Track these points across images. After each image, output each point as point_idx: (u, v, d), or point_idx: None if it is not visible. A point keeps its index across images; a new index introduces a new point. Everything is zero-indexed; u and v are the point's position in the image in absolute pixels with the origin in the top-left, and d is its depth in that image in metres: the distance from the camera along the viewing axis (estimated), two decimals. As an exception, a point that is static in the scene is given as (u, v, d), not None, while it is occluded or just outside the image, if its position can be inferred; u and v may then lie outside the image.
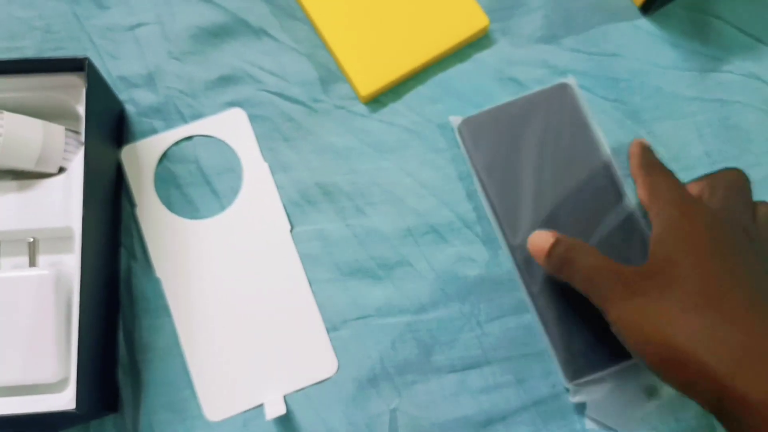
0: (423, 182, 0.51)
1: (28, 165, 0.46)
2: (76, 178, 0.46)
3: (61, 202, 0.46)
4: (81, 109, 0.47)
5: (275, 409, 0.46)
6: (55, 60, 0.46)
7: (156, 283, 0.49)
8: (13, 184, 0.47)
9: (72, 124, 0.48)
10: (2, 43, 0.53)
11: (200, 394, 0.47)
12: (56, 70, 0.47)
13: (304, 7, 0.53)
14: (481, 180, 0.50)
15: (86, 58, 0.45)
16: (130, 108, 0.52)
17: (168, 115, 0.52)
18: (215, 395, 0.47)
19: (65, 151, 0.47)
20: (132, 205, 0.50)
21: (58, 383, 0.44)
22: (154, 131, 0.52)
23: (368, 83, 0.52)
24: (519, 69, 0.53)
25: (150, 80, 0.53)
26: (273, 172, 0.51)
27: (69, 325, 0.44)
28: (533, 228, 0.48)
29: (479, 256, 0.50)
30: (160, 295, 0.49)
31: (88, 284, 0.43)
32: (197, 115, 0.52)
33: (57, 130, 0.47)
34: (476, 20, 0.53)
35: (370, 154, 0.52)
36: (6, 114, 0.45)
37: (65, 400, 0.42)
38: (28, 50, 0.53)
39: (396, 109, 0.53)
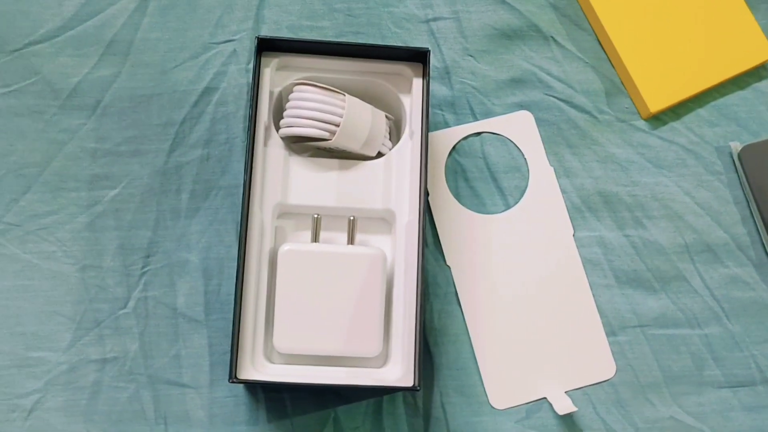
0: (700, 202, 0.53)
1: (355, 146, 0.48)
2: (395, 163, 0.49)
3: (382, 186, 0.48)
4: (403, 97, 0.49)
5: (565, 405, 0.48)
6: (398, 48, 0.48)
7: (446, 270, 0.51)
8: (335, 162, 0.49)
9: (386, 110, 0.50)
10: (304, 22, 0.55)
11: (486, 381, 0.50)
12: (395, 58, 0.49)
13: (600, 23, 0.55)
14: (758, 206, 0.52)
15: (428, 50, 0.47)
16: (423, 98, 0.54)
17: (460, 109, 0.54)
18: (500, 384, 0.50)
19: (384, 137, 0.49)
20: (425, 193, 0.52)
21: (374, 358, 0.46)
22: (445, 124, 0.54)
23: (657, 101, 0.54)
24: (795, 102, 0.55)
25: (445, 74, 0.55)
26: (557, 176, 0.53)
27: (388, 303, 0.47)
28: (809, 259, 0.50)
29: (752, 279, 0.52)
30: (449, 283, 0.51)
31: (422, 266, 0.45)
32: (487, 113, 0.54)
33: (380, 115, 0.49)
34: (762, 51, 0.55)
35: (649, 169, 0.54)
36: (348, 97, 0.47)
37: (393, 374, 0.45)
38: (328, 31, 0.55)
39: (675, 127, 0.55)
